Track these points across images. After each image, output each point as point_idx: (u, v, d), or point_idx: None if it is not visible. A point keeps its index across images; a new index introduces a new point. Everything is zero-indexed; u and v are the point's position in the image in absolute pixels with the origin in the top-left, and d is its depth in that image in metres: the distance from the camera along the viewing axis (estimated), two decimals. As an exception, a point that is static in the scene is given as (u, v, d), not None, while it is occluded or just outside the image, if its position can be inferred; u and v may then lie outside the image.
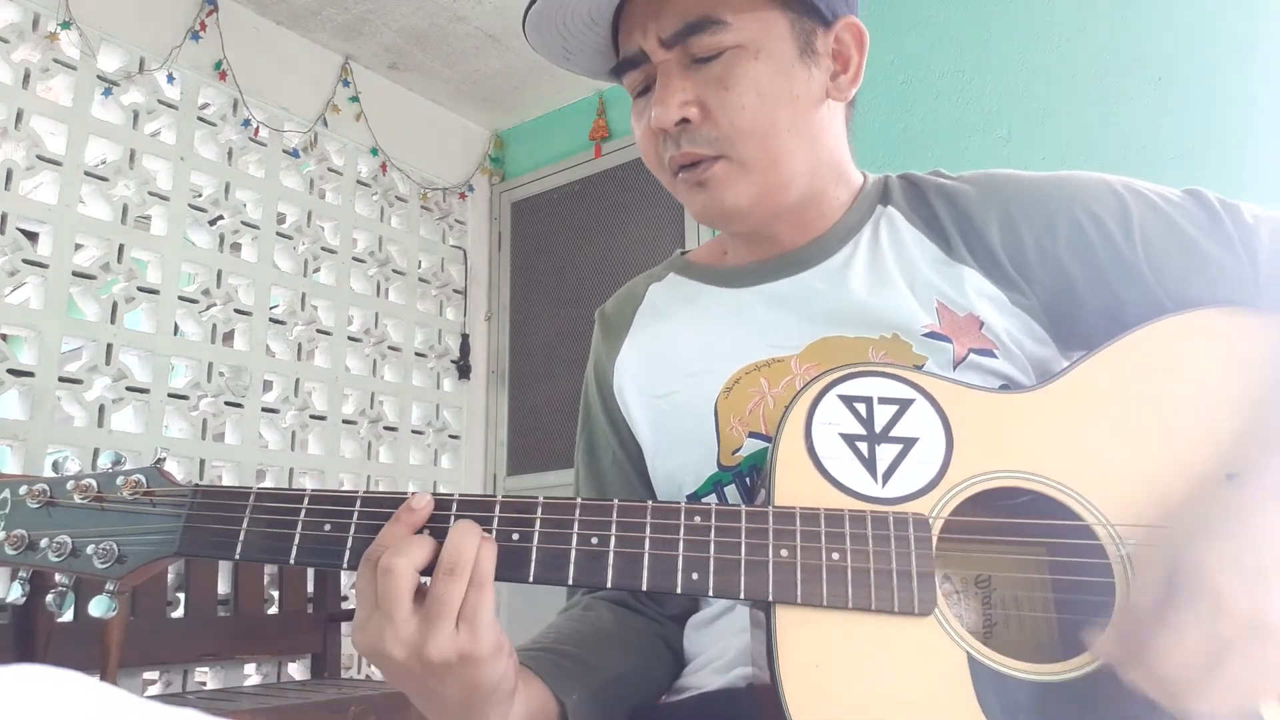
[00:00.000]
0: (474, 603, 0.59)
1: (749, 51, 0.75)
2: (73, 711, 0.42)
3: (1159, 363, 0.68)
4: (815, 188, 0.83)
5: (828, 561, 0.60)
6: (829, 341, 0.79)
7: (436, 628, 0.58)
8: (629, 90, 0.82)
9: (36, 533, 0.66)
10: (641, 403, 0.87)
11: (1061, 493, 0.63)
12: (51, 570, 0.66)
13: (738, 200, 0.79)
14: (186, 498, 0.66)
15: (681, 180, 0.80)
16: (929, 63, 2.74)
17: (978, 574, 0.68)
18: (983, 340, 0.76)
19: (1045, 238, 0.77)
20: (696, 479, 0.80)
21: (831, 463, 0.64)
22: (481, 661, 0.59)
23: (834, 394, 0.66)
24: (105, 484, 0.67)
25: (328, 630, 2.79)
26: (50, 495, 0.67)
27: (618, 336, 0.92)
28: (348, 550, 0.62)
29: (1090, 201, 0.78)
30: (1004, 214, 0.79)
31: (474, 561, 0.59)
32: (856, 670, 0.58)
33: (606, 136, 3.56)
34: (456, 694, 0.61)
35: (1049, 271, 0.77)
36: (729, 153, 0.77)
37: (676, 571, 0.60)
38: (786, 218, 0.83)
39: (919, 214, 0.83)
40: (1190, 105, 2.31)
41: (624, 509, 0.62)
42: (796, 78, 0.77)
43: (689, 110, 0.76)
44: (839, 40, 0.81)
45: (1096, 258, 0.76)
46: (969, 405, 0.66)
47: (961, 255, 0.79)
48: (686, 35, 0.75)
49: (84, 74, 2.63)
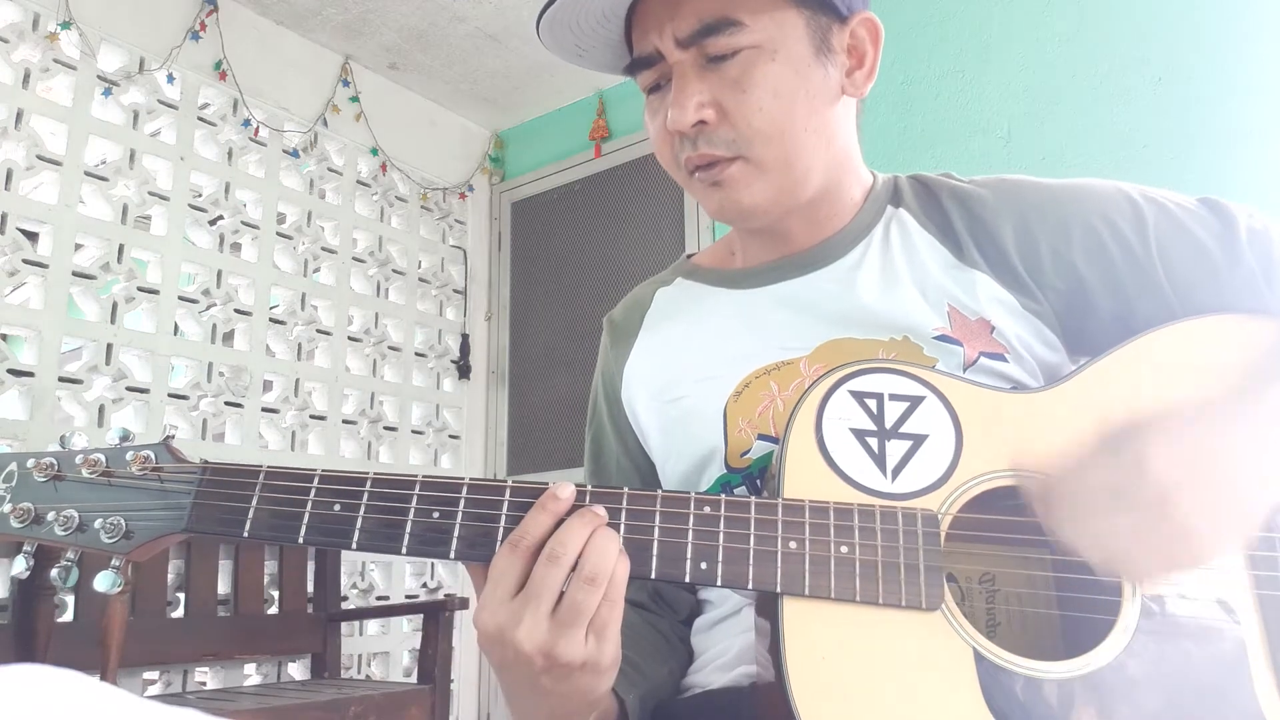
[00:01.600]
0: (605, 616, 0.59)
1: (766, 52, 0.75)
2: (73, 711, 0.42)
3: (1169, 366, 0.68)
4: (830, 183, 0.83)
5: (836, 554, 0.60)
6: (839, 343, 0.79)
7: (570, 633, 0.58)
8: (642, 88, 0.82)
9: (43, 506, 0.66)
10: (651, 409, 0.87)
11: None
12: (58, 544, 0.66)
13: (754, 199, 0.78)
14: (196, 474, 0.66)
15: (698, 180, 0.80)
16: (929, 63, 2.74)
17: (982, 572, 0.68)
18: (994, 344, 0.76)
19: (1061, 244, 0.77)
20: (706, 481, 0.81)
21: (841, 457, 0.64)
22: (602, 672, 0.60)
23: (845, 389, 0.66)
24: (114, 459, 0.67)
25: (328, 630, 2.79)
26: (58, 469, 0.67)
27: (626, 343, 0.92)
28: (357, 531, 0.62)
29: (1107, 208, 0.78)
30: (1019, 219, 0.79)
31: (611, 574, 0.59)
32: (863, 663, 0.58)
33: (606, 136, 3.56)
34: (564, 694, 0.61)
35: (1063, 277, 0.77)
36: (746, 153, 0.76)
37: (685, 559, 0.60)
38: (801, 213, 0.83)
39: (931, 217, 0.83)
40: (1190, 105, 2.31)
41: (633, 497, 0.62)
42: (813, 76, 0.77)
43: (705, 112, 0.75)
44: (854, 35, 0.81)
45: (1112, 264, 0.76)
46: (979, 404, 0.66)
47: (973, 259, 0.79)
48: (703, 36, 0.74)
49: (84, 74, 2.63)
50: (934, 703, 0.58)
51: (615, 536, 0.60)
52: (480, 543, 0.61)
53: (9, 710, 0.40)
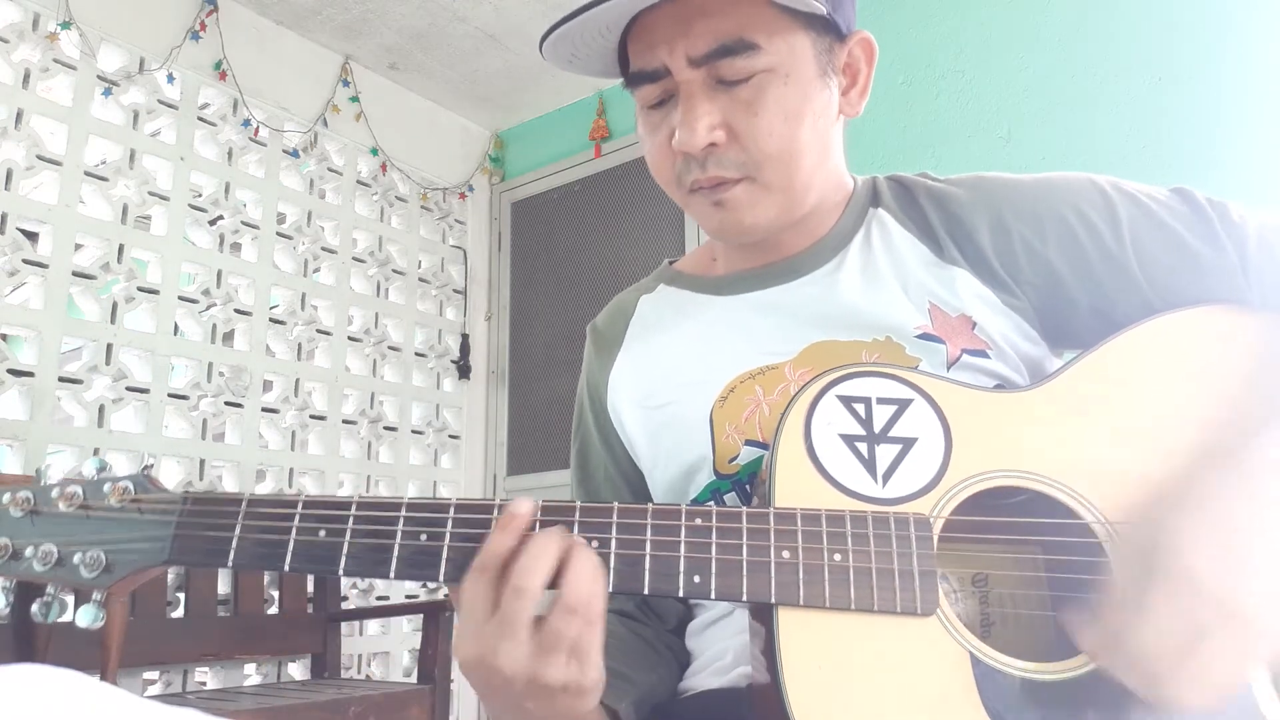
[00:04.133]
0: (585, 640, 0.58)
1: (779, 75, 0.74)
2: (73, 711, 0.42)
3: (1154, 361, 0.68)
4: (821, 198, 0.83)
5: (830, 562, 0.60)
6: (822, 345, 0.79)
7: (550, 660, 0.57)
8: (642, 103, 0.80)
9: (20, 541, 0.64)
10: (636, 416, 0.87)
11: (1059, 491, 0.63)
12: (37, 580, 0.64)
13: (757, 220, 0.79)
14: (177, 504, 0.65)
15: (698, 197, 0.79)
16: (929, 63, 2.74)
17: (975, 573, 0.68)
18: (975, 340, 0.76)
19: (1034, 239, 0.78)
20: (696, 488, 0.80)
21: (831, 463, 0.64)
22: (585, 693, 0.59)
23: (833, 394, 0.66)
24: (92, 492, 0.66)
25: (328, 630, 2.79)
26: (35, 504, 0.65)
27: (610, 351, 0.92)
28: (344, 556, 0.62)
29: (1078, 201, 0.78)
30: (994, 216, 0.79)
31: (592, 600, 0.58)
32: (860, 671, 0.58)
33: (606, 136, 3.56)
34: (550, 716, 0.61)
35: (1039, 272, 0.77)
36: (754, 175, 0.76)
37: (678, 574, 0.60)
38: (789, 227, 0.83)
39: (909, 216, 0.83)
40: (1190, 105, 2.31)
41: (624, 511, 0.62)
42: (818, 98, 0.77)
43: (716, 134, 0.74)
44: (851, 55, 0.81)
45: (1086, 257, 0.76)
46: (967, 405, 0.66)
47: (953, 257, 0.80)
48: (718, 57, 0.73)
49: (84, 74, 2.63)
50: (932, 708, 0.57)
51: (591, 557, 0.59)
52: (469, 564, 0.60)
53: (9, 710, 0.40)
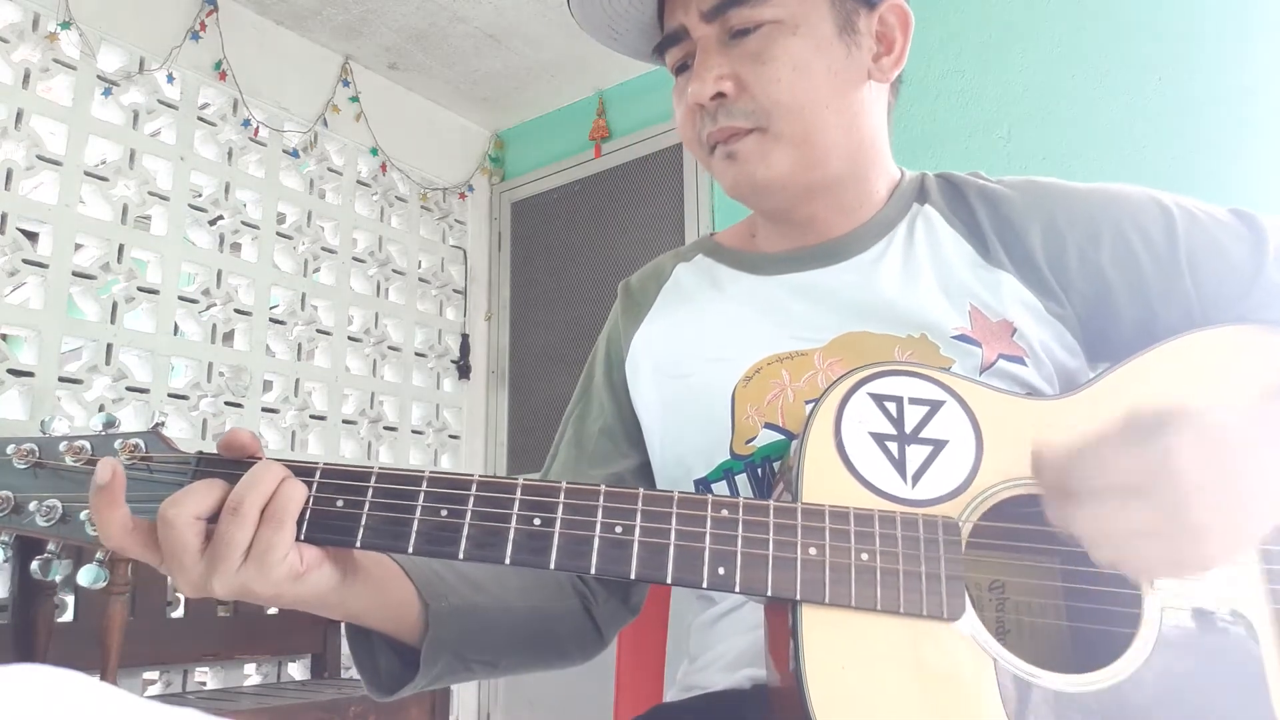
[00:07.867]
0: (266, 540, 0.58)
1: (787, 26, 0.76)
2: (73, 711, 0.42)
3: (1187, 374, 0.68)
4: (856, 171, 0.82)
5: (856, 562, 0.59)
6: (854, 336, 0.78)
7: (219, 568, 0.58)
8: (670, 67, 0.83)
9: (23, 495, 0.61)
10: (656, 382, 0.86)
11: None
12: (39, 536, 0.61)
13: (769, 174, 0.78)
14: (189, 465, 0.62)
15: (716, 156, 0.80)
16: (929, 63, 2.74)
17: (991, 579, 0.67)
18: (1014, 347, 0.76)
19: (1089, 248, 0.77)
20: (707, 465, 0.80)
21: (861, 461, 0.63)
22: (263, 597, 0.60)
23: (864, 392, 0.65)
24: (100, 447, 0.63)
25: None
26: (39, 456, 0.62)
27: (639, 312, 0.92)
28: (362, 528, 0.60)
29: (1138, 215, 0.77)
30: (1048, 221, 0.79)
31: (267, 499, 0.59)
32: (883, 674, 0.57)
33: (606, 136, 3.55)
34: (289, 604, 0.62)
35: (1089, 281, 0.77)
36: (765, 125, 0.77)
37: (703, 565, 0.59)
38: (823, 199, 0.83)
39: (958, 215, 0.83)
40: (1190, 105, 2.31)
41: (649, 498, 0.60)
42: (834, 54, 0.78)
43: (724, 84, 0.76)
44: (883, 21, 0.81)
45: (1140, 271, 0.76)
46: (999, 410, 0.65)
47: (999, 260, 0.79)
48: (726, 8, 0.76)
49: (84, 74, 2.62)
50: (954, 714, 0.57)
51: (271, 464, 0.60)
52: (490, 543, 0.60)
53: (9, 710, 0.40)
